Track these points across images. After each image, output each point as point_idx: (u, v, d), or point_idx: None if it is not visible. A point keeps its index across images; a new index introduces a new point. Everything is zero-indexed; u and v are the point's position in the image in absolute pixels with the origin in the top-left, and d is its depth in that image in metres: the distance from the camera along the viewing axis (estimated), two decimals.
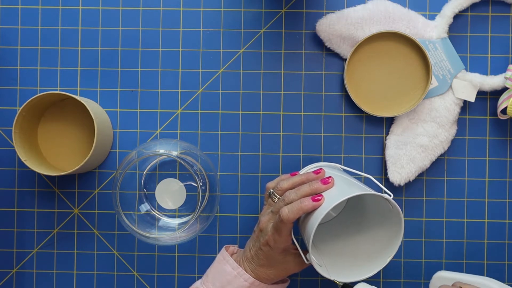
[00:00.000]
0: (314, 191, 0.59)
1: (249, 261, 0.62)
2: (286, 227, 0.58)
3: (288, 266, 0.62)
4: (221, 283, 0.62)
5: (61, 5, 0.74)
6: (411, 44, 0.69)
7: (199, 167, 0.68)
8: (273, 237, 0.59)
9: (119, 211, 0.66)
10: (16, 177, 0.74)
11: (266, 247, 0.60)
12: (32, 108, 0.68)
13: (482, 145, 0.73)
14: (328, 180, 0.59)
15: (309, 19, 0.73)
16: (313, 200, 0.57)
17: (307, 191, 0.59)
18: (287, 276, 0.64)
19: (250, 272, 0.62)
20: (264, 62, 0.73)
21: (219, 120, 0.73)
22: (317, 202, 0.57)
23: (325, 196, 0.57)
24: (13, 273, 0.74)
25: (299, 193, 0.59)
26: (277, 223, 0.58)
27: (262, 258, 0.61)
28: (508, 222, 0.73)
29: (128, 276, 0.74)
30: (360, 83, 0.71)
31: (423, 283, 0.73)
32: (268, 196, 0.64)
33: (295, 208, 0.57)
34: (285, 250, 0.61)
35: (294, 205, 0.57)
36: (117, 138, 0.74)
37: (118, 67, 0.74)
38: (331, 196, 0.57)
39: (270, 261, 0.61)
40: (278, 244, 0.59)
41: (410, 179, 0.70)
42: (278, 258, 0.61)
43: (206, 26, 0.73)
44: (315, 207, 0.57)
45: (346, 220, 0.69)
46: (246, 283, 0.61)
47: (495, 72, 0.72)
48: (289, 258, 0.62)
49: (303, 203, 0.57)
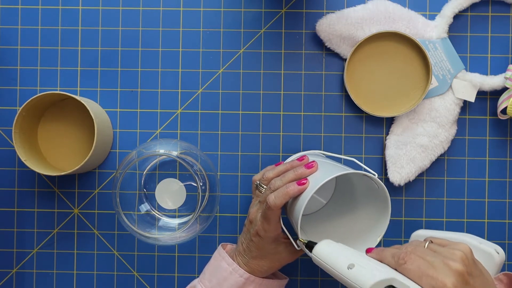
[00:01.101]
0: (299, 176, 0.59)
1: (242, 255, 0.62)
2: (274, 214, 0.58)
3: (280, 256, 0.62)
4: (217, 280, 0.62)
5: (61, 5, 0.74)
6: (411, 44, 0.69)
7: (199, 167, 0.68)
8: (262, 226, 0.59)
9: (119, 211, 0.66)
10: (16, 177, 0.74)
11: (256, 238, 0.60)
12: (32, 108, 0.68)
13: (482, 145, 0.73)
14: (312, 164, 0.60)
15: (309, 19, 0.73)
16: (298, 184, 0.57)
17: (292, 176, 0.59)
18: (281, 267, 0.64)
19: (244, 266, 0.62)
20: (264, 62, 0.73)
21: (219, 120, 0.73)
22: (302, 186, 0.57)
23: (310, 180, 0.58)
24: (13, 273, 0.74)
25: (284, 179, 0.59)
26: (265, 211, 0.59)
27: (253, 250, 0.61)
28: (508, 222, 0.73)
29: (128, 276, 0.74)
30: (360, 83, 0.71)
31: None
32: (256, 188, 0.64)
33: (280, 193, 0.57)
34: (276, 240, 0.61)
35: (280, 190, 0.58)
36: (117, 138, 0.74)
37: (118, 67, 0.74)
38: (316, 179, 0.57)
39: (262, 252, 0.61)
40: (268, 233, 0.59)
41: (410, 179, 0.70)
42: (269, 248, 0.61)
43: (206, 26, 0.73)
44: (301, 190, 0.57)
45: (336, 206, 0.69)
46: (242, 278, 0.61)
47: (495, 72, 0.72)
48: (280, 248, 0.62)
49: (289, 188, 0.57)
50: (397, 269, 0.49)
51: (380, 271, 0.48)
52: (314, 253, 0.54)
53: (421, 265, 0.48)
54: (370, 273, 0.48)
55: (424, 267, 0.47)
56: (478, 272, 0.49)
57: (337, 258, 0.51)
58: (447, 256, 0.48)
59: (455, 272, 0.46)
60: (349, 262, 0.49)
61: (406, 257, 0.49)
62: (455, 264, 0.47)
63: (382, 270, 0.49)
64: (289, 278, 0.69)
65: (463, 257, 0.48)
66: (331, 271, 0.51)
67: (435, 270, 0.47)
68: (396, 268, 0.49)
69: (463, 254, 0.48)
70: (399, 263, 0.49)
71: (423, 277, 0.47)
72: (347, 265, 0.49)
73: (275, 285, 0.63)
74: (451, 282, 0.46)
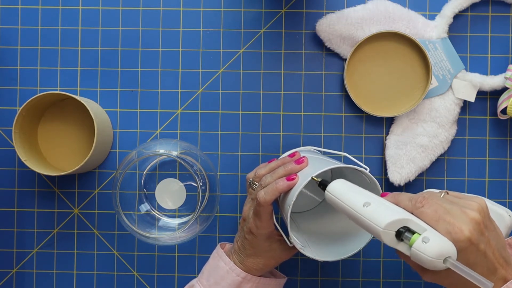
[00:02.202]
0: (289, 171, 0.59)
1: (237, 253, 0.62)
2: (264, 210, 0.58)
3: (275, 254, 0.62)
4: (215, 279, 0.62)
5: (61, 5, 0.74)
6: (411, 44, 0.69)
7: (199, 167, 0.68)
8: (254, 223, 0.59)
9: (119, 211, 0.66)
10: (16, 177, 0.74)
11: (250, 235, 0.61)
12: (32, 108, 0.68)
13: (482, 145, 0.73)
14: (302, 159, 0.60)
15: (309, 19, 0.73)
16: (287, 180, 0.57)
17: (281, 172, 0.60)
18: (277, 265, 0.64)
19: (239, 264, 0.62)
20: (264, 62, 0.73)
21: (219, 120, 0.73)
22: (291, 181, 0.57)
23: (300, 175, 0.58)
24: (13, 273, 0.74)
25: (274, 175, 0.60)
26: (255, 208, 0.59)
27: (248, 248, 0.61)
28: None
29: (128, 276, 0.74)
30: (360, 83, 0.71)
31: (423, 283, 0.73)
32: (249, 185, 0.64)
33: (270, 189, 0.58)
34: (269, 237, 0.61)
35: (270, 186, 0.58)
36: (117, 138, 0.74)
37: (118, 67, 0.74)
38: (306, 174, 0.57)
39: (256, 249, 0.61)
40: (260, 230, 0.60)
41: (410, 179, 0.70)
42: (263, 246, 0.61)
43: (206, 26, 0.73)
44: (290, 186, 0.57)
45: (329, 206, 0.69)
46: (239, 277, 0.61)
47: (495, 72, 0.72)
48: (275, 245, 0.62)
49: (278, 184, 0.57)
50: (413, 212, 0.49)
51: (396, 211, 0.48)
52: (329, 190, 0.53)
53: (438, 209, 0.47)
54: (386, 211, 0.47)
55: (441, 212, 0.47)
56: (492, 226, 0.49)
57: (353, 196, 0.51)
58: (464, 205, 0.48)
59: (472, 220, 0.46)
60: (365, 200, 0.49)
61: (423, 201, 0.49)
62: (473, 213, 0.47)
63: (399, 210, 0.48)
64: (289, 278, 0.69)
65: (480, 208, 0.48)
66: (345, 208, 0.51)
67: (452, 216, 0.47)
68: (412, 211, 0.49)
69: (480, 205, 0.48)
70: (416, 206, 0.49)
71: (440, 221, 0.46)
72: (363, 203, 0.49)
73: (273, 284, 0.63)
74: (468, 229, 0.45)
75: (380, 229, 0.46)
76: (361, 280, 0.73)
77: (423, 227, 0.46)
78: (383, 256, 0.73)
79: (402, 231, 0.46)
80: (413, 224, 0.46)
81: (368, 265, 0.73)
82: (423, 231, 0.46)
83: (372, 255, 0.73)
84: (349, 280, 0.73)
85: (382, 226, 0.46)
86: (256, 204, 0.58)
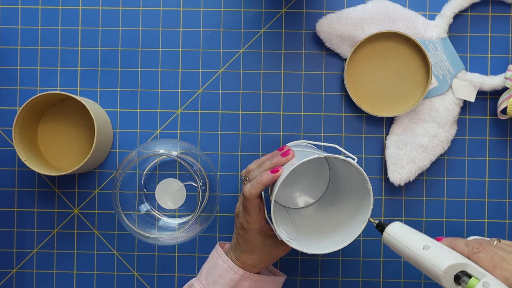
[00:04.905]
0: (275, 164, 0.60)
1: (233, 250, 0.63)
2: (251, 204, 0.58)
3: (270, 249, 0.62)
4: (213, 277, 0.62)
5: (61, 5, 0.74)
6: (411, 44, 0.69)
7: (199, 167, 0.68)
8: (244, 218, 0.60)
9: (119, 211, 0.66)
10: (16, 177, 0.74)
11: (242, 231, 0.61)
12: (32, 108, 0.68)
13: (482, 145, 0.73)
14: (288, 152, 0.60)
15: (309, 19, 0.73)
16: (271, 172, 0.58)
17: (268, 165, 0.60)
18: (274, 261, 0.64)
19: (236, 261, 0.62)
20: (264, 62, 0.73)
21: (219, 120, 0.73)
22: (275, 174, 0.58)
23: (285, 168, 0.58)
24: (13, 273, 0.74)
25: (261, 169, 0.60)
26: (243, 202, 0.59)
27: (242, 244, 0.61)
28: (508, 222, 0.73)
29: (128, 276, 0.74)
30: (360, 83, 0.71)
31: (423, 283, 0.73)
32: (242, 182, 0.65)
33: (255, 182, 0.58)
34: (262, 232, 0.61)
35: (255, 180, 0.58)
36: (117, 138, 0.74)
37: (118, 67, 0.74)
38: (290, 165, 0.57)
39: (250, 245, 0.61)
40: (251, 225, 0.60)
41: (410, 179, 0.70)
42: (256, 241, 0.61)
43: (206, 26, 0.73)
44: (274, 178, 0.57)
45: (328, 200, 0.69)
46: (237, 275, 0.61)
47: (495, 72, 0.72)
48: (269, 241, 0.62)
49: (262, 176, 0.58)
50: (470, 257, 0.51)
51: (454, 255, 0.51)
52: (388, 232, 0.55)
53: (494, 256, 0.50)
54: (445, 255, 0.50)
55: (498, 259, 0.50)
56: None
57: (413, 238, 0.53)
58: None
59: None
60: (425, 244, 0.51)
61: (480, 247, 0.51)
62: None
63: (457, 255, 0.51)
64: (289, 277, 0.69)
65: None
66: (404, 250, 0.53)
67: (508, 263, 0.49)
68: (469, 256, 0.51)
69: None
70: (473, 252, 0.51)
71: (497, 268, 0.49)
72: (422, 246, 0.51)
73: (271, 281, 0.64)
74: None
75: (441, 272, 0.48)
76: (361, 280, 0.73)
77: (481, 272, 0.49)
78: (383, 256, 0.73)
79: (460, 275, 0.49)
80: (471, 269, 0.49)
81: (368, 265, 0.73)
82: (482, 276, 0.48)
83: (372, 255, 0.73)
84: (349, 280, 0.73)
85: (442, 269, 0.48)
86: (244, 198, 0.59)
